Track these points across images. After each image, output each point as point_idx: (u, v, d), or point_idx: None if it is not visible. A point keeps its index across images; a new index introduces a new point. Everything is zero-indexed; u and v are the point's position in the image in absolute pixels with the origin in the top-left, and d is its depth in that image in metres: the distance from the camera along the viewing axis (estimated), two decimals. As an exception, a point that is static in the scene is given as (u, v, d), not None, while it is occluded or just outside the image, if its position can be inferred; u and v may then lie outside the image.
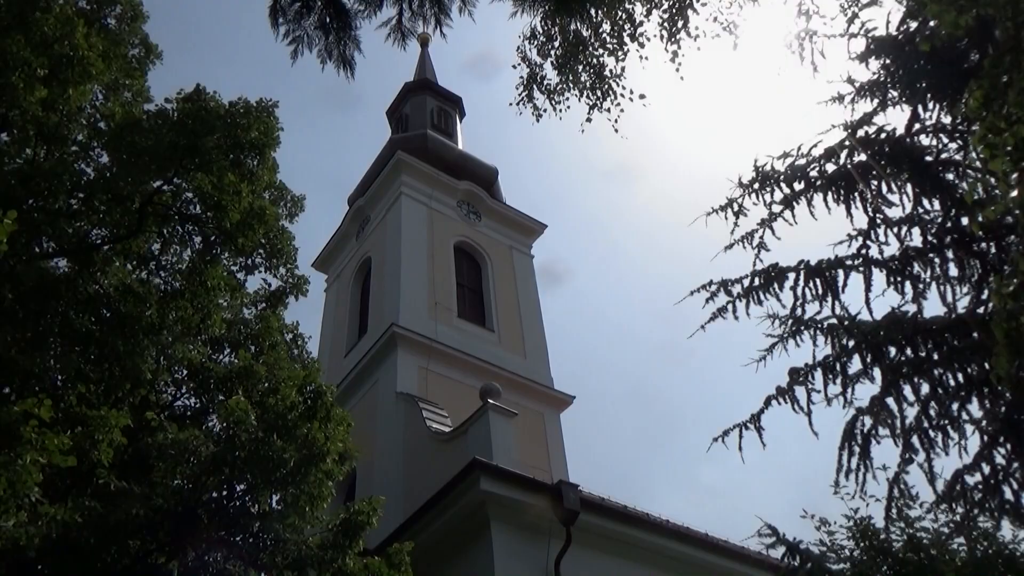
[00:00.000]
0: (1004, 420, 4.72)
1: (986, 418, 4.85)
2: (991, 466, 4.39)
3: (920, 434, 4.56)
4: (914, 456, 4.55)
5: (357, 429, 10.29)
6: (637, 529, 12.37)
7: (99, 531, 6.32)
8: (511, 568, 10.88)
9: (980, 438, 4.75)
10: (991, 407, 4.87)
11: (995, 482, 4.45)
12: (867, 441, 4.57)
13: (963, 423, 4.83)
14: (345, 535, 7.52)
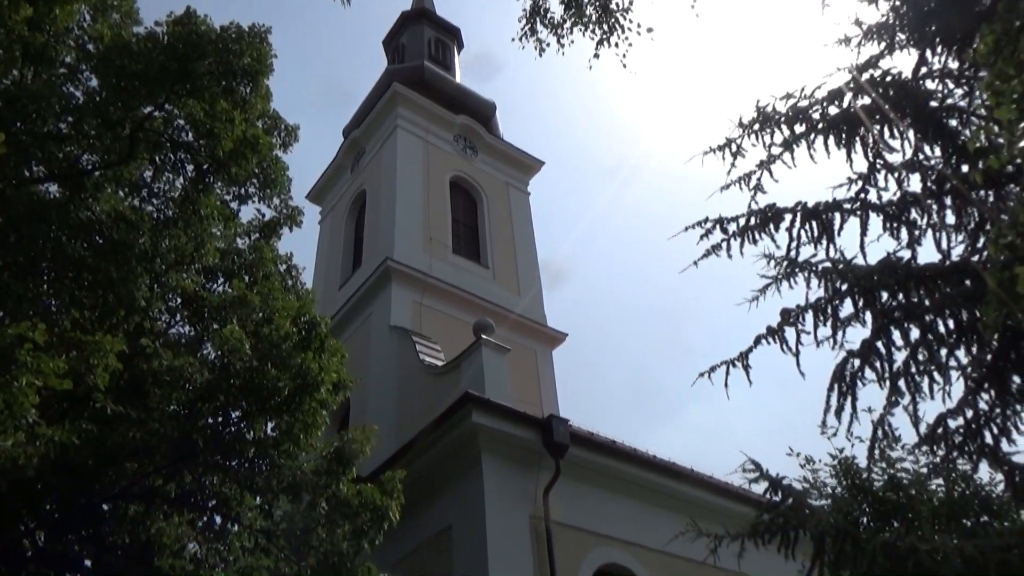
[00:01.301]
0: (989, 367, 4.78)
1: (972, 365, 4.92)
2: (974, 411, 4.48)
3: (907, 378, 4.63)
4: (900, 399, 4.62)
5: (351, 361, 10.38)
6: (624, 463, 12.67)
7: (96, 453, 6.44)
8: (501, 497, 11.16)
9: (965, 384, 4.82)
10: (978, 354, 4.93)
11: (976, 427, 4.54)
12: (854, 383, 4.64)
13: (949, 369, 4.90)
14: (339, 462, 7.68)
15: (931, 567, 3.36)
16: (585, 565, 11.48)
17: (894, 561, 3.50)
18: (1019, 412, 4.68)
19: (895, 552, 3.55)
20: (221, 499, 7.66)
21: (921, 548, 3.51)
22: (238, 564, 8.28)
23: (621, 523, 12.34)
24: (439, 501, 12.02)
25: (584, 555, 11.57)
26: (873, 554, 3.57)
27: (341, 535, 7.68)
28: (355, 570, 7.64)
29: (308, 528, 7.61)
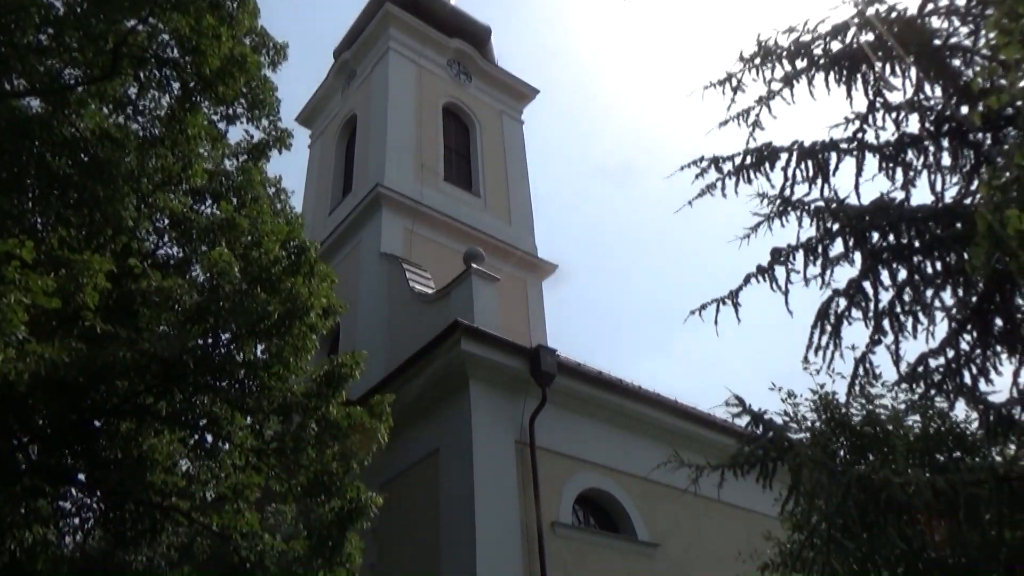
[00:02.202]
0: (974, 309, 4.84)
1: (956, 306, 4.97)
2: (955, 351, 4.56)
3: (891, 318, 4.69)
4: (883, 338, 4.69)
5: (341, 287, 10.39)
6: (610, 393, 12.90)
7: (87, 371, 6.48)
8: (488, 423, 11.39)
9: (948, 325, 4.89)
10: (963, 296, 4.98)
11: (956, 366, 4.63)
12: (839, 321, 4.70)
13: (934, 310, 4.96)
14: (328, 385, 7.78)
15: (903, 499, 3.48)
16: (568, 489, 11.82)
17: (868, 492, 3.62)
18: (999, 353, 4.77)
19: (869, 484, 3.67)
20: (212, 418, 7.77)
21: (894, 481, 3.62)
22: (230, 481, 8.48)
23: (605, 450, 12.66)
24: (427, 425, 12.25)
25: (567, 479, 11.90)
26: (848, 485, 3.68)
27: (331, 455, 7.85)
28: (344, 489, 7.84)
29: (298, 448, 7.76)
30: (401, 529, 11.96)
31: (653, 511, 12.69)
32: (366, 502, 7.83)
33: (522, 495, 11.11)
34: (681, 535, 12.90)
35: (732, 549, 9.51)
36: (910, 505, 3.45)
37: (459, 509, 10.81)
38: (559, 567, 10.83)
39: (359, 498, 7.82)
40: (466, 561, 10.26)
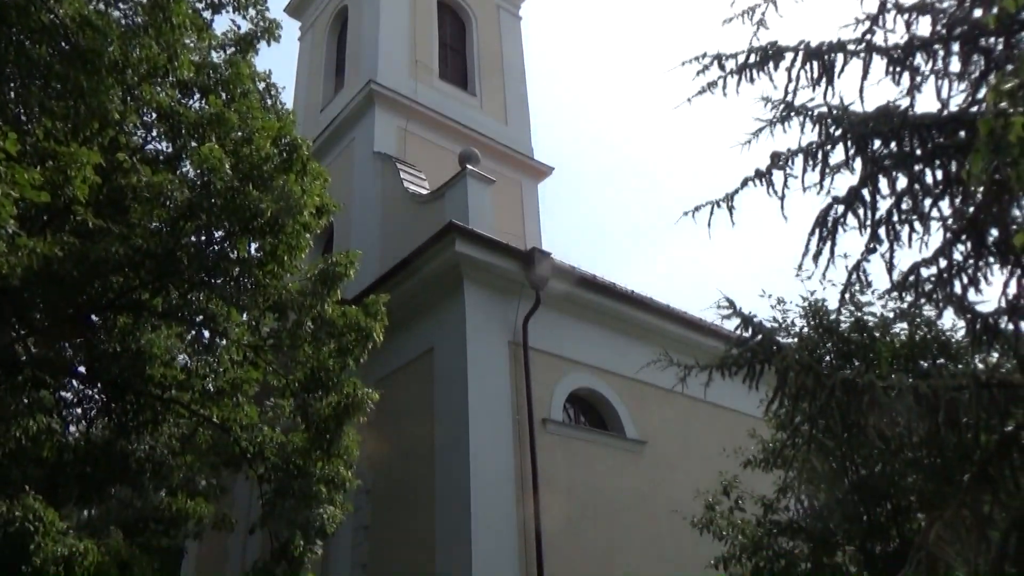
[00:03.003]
0: (970, 219, 4.82)
1: (953, 216, 4.95)
2: (948, 261, 4.56)
3: (888, 226, 4.67)
4: (878, 247, 4.69)
5: (334, 186, 10.27)
6: (603, 296, 13.03)
7: (81, 265, 6.47)
8: (481, 324, 11.54)
9: (943, 234, 4.88)
10: (960, 205, 4.95)
11: (948, 276, 4.64)
12: (836, 228, 4.68)
13: (931, 219, 4.94)
14: (323, 284, 7.81)
15: (885, 403, 3.57)
16: (559, 388, 12.12)
17: (851, 396, 3.71)
18: (991, 264, 4.78)
19: (853, 387, 3.75)
20: (208, 315, 7.84)
21: (878, 385, 3.70)
22: (228, 375, 8.65)
23: (596, 352, 12.90)
24: (422, 325, 12.41)
25: (559, 379, 12.18)
26: (832, 388, 3.77)
27: (327, 352, 7.98)
28: (341, 385, 8.02)
29: (295, 345, 7.87)
30: (397, 424, 12.31)
31: (641, 410, 13.07)
32: (362, 398, 8.02)
33: (514, 393, 11.40)
34: (668, 433, 13.34)
35: (717, 447, 9.87)
36: (892, 408, 3.54)
37: (453, 406, 11.10)
38: (549, 462, 11.23)
39: (355, 394, 8.01)
40: (460, 453, 10.63)
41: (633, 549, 11.64)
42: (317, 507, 7.86)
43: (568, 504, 11.20)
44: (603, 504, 11.66)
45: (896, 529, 6.49)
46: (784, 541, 7.10)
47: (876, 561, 6.60)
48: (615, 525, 11.65)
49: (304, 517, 7.77)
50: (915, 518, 6.47)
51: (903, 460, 6.17)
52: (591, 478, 11.72)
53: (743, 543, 7.29)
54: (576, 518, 11.19)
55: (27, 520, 6.56)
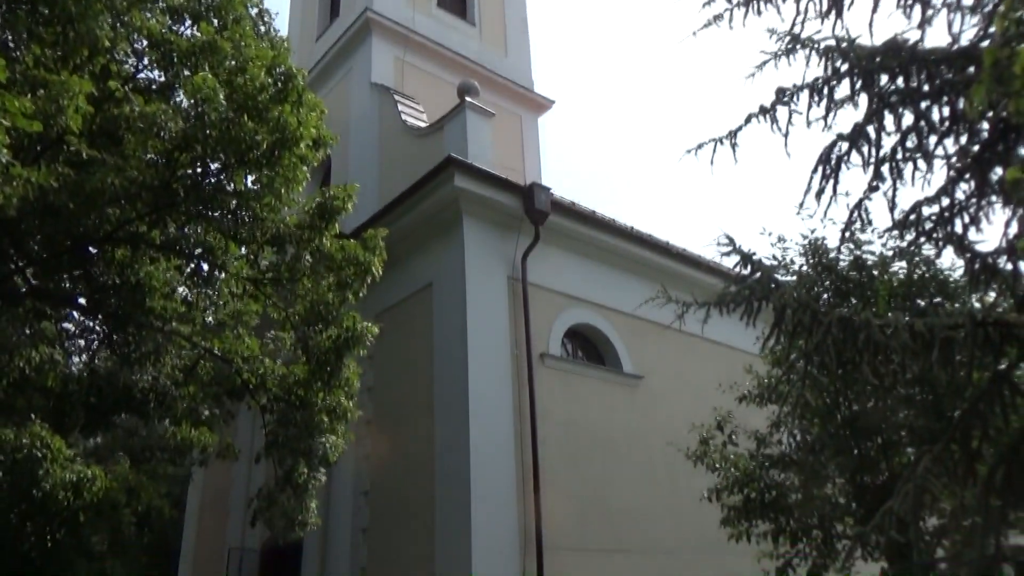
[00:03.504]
0: (975, 158, 4.77)
1: (957, 154, 4.89)
2: (950, 199, 4.53)
3: (892, 164, 4.62)
4: (880, 184, 4.65)
5: (330, 119, 10.11)
6: (602, 232, 13.00)
7: (76, 197, 6.42)
8: (480, 258, 11.55)
9: (947, 173, 4.84)
10: (965, 144, 4.89)
11: (949, 215, 4.62)
12: (839, 166, 4.64)
13: (935, 157, 4.88)
14: (321, 217, 7.77)
15: (880, 340, 3.60)
16: (558, 324, 12.21)
17: (847, 333, 3.74)
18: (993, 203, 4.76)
19: (849, 325, 3.78)
20: (206, 248, 7.82)
21: (874, 323, 3.73)
22: (228, 308, 8.69)
23: (595, 288, 12.95)
24: (421, 259, 12.42)
25: (557, 315, 12.26)
26: (829, 326, 3.80)
27: (326, 286, 8.00)
28: (340, 319, 8.06)
29: (294, 278, 7.88)
30: (397, 357, 12.45)
31: (639, 346, 13.20)
32: (362, 331, 8.07)
33: (513, 328, 11.48)
34: (664, 368, 13.51)
35: (712, 382, 10.01)
36: (887, 346, 3.58)
37: (452, 340, 11.20)
38: (547, 396, 11.41)
39: (355, 327, 8.05)
40: (459, 387, 10.78)
41: (628, 480, 11.93)
42: (319, 436, 8.01)
43: (565, 437, 11.42)
44: (599, 437, 11.90)
45: (886, 463, 6.65)
46: (775, 473, 7.28)
47: (865, 493, 6.78)
48: (611, 457, 11.90)
49: (307, 446, 7.93)
50: (905, 452, 6.61)
51: (895, 397, 6.27)
52: (588, 412, 11.92)
53: (735, 475, 7.47)
54: (572, 450, 11.44)
55: (35, 447, 6.70)
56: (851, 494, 7.00)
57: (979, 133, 4.74)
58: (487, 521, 10.00)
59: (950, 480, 3.38)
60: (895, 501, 3.42)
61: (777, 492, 7.17)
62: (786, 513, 7.12)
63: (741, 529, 7.50)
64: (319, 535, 11.90)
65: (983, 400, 3.31)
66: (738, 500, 7.46)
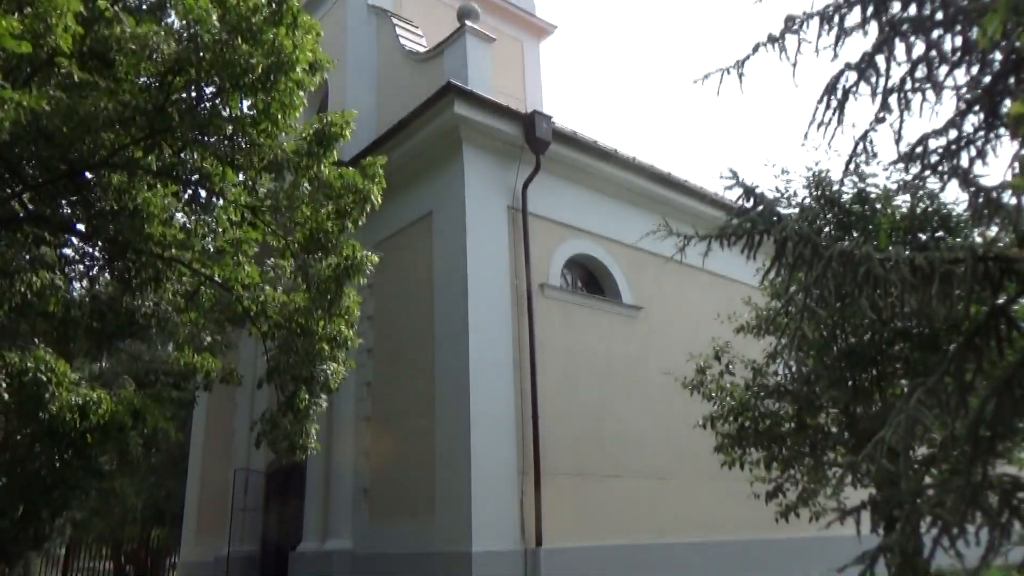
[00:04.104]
0: (985, 89, 4.67)
1: (968, 85, 4.79)
2: (958, 132, 4.46)
3: (900, 94, 4.52)
4: (887, 116, 4.57)
5: (327, 43, 9.85)
6: (604, 162, 12.86)
7: (70, 121, 6.31)
8: (480, 187, 11.46)
9: (956, 105, 4.74)
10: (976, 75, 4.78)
11: (956, 148, 4.56)
12: (846, 95, 4.54)
13: (944, 88, 4.78)
14: (319, 144, 7.65)
15: (880, 274, 3.60)
16: (558, 254, 12.21)
17: (848, 267, 3.73)
18: (1000, 136, 4.68)
19: (850, 259, 3.76)
20: (203, 174, 7.74)
21: (874, 257, 3.71)
22: (227, 235, 8.66)
23: (596, 219, 12.89)
24: (420, 188, 12.32)
25: (558, 245, 12.24)
26: (829, 259, 3.78)
27: (325, 214, 7.95)
28: (340, 247, 8.04)
29: (292, 206, 7.82)
30: (397, 286, 12.49)
31: (639, 277, 13.23)
32: (362, 260, 8.07)
33: (513, 258, 11.49)
34: (664, 300, 13.58)
35: (711, 314, 10.08)
36: (886, 279, 3.57)
37: (452, 270, 11.22)
38: (547, 326, 11.50)
39: (355, 256, 8.04)
40: (459, 316, 10.85)
41: (625, 409, 12.15)
42: (320, 364, 8.10)
43: (563, 366, 11.57)
44: (598, 366, 12.05)
45: (879, 394, 6.75)
46: (770, 403, 7.41)
47: (857, 423, 6.91)
48: (609, 386, 12.09)
49: (308, 373, 8.03)
50: (898, 384, 6.71)
51: (892, 330, 6.32)
52: (587, 342, 12.04)
53: (731, 404, 7.60)
54: (571, 379, 11.60)
55: (39, 371, 6.79)
56: (843, 424, 7.14)
57: (991, 64, 4.63)
58: (486, 446, 10.23)
59: (942, 412, 3.44)
60: (887, 431, 3.48)
61: (771, 421, 7.31)
62: (779, 441, 7.28)
63: (734, 456, 7.67)
64: (322, 458, 12.19)
65: (979, 334, 3.33)
66: (732, 428, 7.61)
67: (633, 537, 11.33)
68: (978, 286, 3.42)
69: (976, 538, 3.07)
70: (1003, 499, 3.07)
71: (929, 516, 3.22)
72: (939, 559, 3.19)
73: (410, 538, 10.78)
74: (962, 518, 3.03)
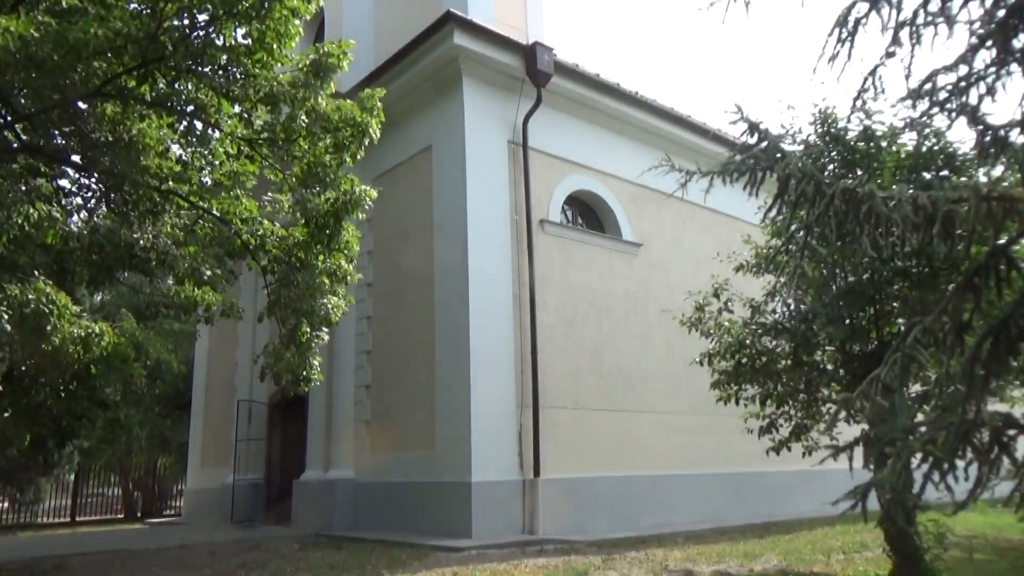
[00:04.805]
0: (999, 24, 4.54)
1: (981, 20, 4.66)
2: (968, 68, 4.36)
3: (912, 28, 4.40)
4: (897, 50, 4.46)
5: (324, -34, 9.54)
6: (606, 96, 12.65)
7: (60, 48, 6.15)
8: (480, 121, 11.29)
9: (968, 39, 4.63)
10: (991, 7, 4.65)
11: (966, 84, 4.47)
12: (856, 28, 4.42)
13: (957, 22, 4.66)
14: (316, 75, 7.49)
15: (883, 212, 3.57)
16: (558, 190, 12.12)
17: (850, 205, 3.70)
18: (1011, 73, 4.59)
19: (852, 197, 3.73)
20: (198, 105, 7.59)
21: (877, 195, 3.68)
22: (224, 168, 8.57)
23: (597, 154, 12.75)
24: (419, 121, 12.14)
25: (558, 181, 12.14)
26: (832, 197, 3.75)
27: (323, 148, 7.84)
28: (338, 181, 7.96)
29: (289, 139, 7.71)
30: (396, 221, 12.44)
31: (639, 214, 13.17)
32: (361, 194, 7.99)
33: (513, 193, 11.41)
34: (664, 237, 13.55)
35: (711, 251, 10.07)
36: (889, 218, 3.55)
37: (452, 204, 11.15)
38: (546, 261, 11.50)
39: (353, 190, 7.97)
40: (459, 251, 10.85)
41: (623, 345, 12.26)
42: (321, 298, 8.12)
43: (563, 302, 11.62)
44: (597, 302, 12.11)
45: (876, 332, 6.80)
46: (767, 340, 7.46)
47: (852, 361, 6.98)
48: (607, 322, 12.17)
49: (308, 306, 8.06)
50: (896, 323, 6.74)
51: (892, 269, 6.32)
52: (586, 278, 12.06)
53: (728, 342, 7.66)
54: (570, 315, 11.67)
55: (40, 303, 6.80)
56: (839, 361, 7.21)
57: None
58: (486, 380, 10.37)
59: (938, 350, 3.46)
60: (883, 369, 3.51)
61: (767, 358, 7.38)
62: (774, 378, 7.36)
63: (730, 392, 7.78)
64: (324, 389, 12.37)
65: (979, 273, 3.32)
66: (729, 365, 7.68)
67: (628, 469, 11.59)
68: (980, 226, 3.40)
69: (965, 473, 3.14)
70: (994, 436, 3.12)
71: (920, 452, 3.28)
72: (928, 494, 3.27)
73: (411, 468, 11.03)
74: (953, 454, 3.09)
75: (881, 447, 3.57)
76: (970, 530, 9.22)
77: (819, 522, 11.19)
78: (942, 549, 6.45)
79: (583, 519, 10.59)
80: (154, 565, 8.76)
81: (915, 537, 6.29)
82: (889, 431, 3.58)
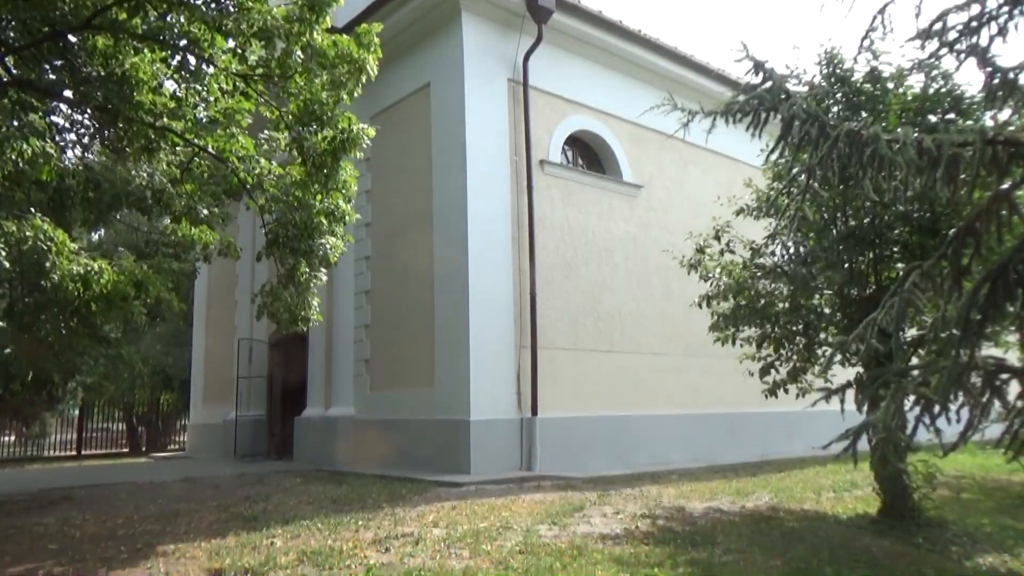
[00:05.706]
0: (1016, -41, 4.41)
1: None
2: (980, 7, 4.25)
3: (925, -37, 4.27)
4: (909, -14, 4.34)
5: None
6: (608, 34, 12.37)
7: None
8: (480, 58, 11.06)
9: (982, -24, 4.49)
10: (1009, -58, 4.50)
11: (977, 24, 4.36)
12: (869, -35, 4.29)
13: (972, -43, 4.51)
14: (311, 9, 7.29)
15: (887, 155, 3.53)
16: (559, 130, 11.96)
17: (854, 147, 3.65)
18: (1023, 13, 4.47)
19: (857, 139, 3.68)
20: (191, 39, 7.41)
21: (882, 138, 3.63)
22: (220, 104, 8.42)
23: (598, 93, 12.54)
24: (418, 58, 11.89)
25: (559, 120, 11.97)
26: (836, 139, 3.70)
27: (319, 84, 7.69)
28: (335, 119, 7.84)
29: (285, 75, 7.55)
30: (395, 160, 12.31)
31: (640, 155, 13.03)
32: (358, 133, 7.88)
33: (513, 133, 11.26)
34: (665, 179, 13.44)
35: (712, 194, 10.00)
36: (892, 161, 3.51)
37: (450, 143, 11.01)
38: (546, 203, 11.43)
39: (351, 129, 7.85)
40: (457, 191, 10.77)
41: (622, 287, 12.29)
42: (319, 238, 8.08)
43: (562, 243, 11.60)
44: (597, 244, 12.09)
45: (874, 277, 6.81)
46: (766, 283, 7.47)
47: (850, 304, 7.01)
48: (607, 264, 12.17)
49: (307, 246, 8.03)
50: (895, 268, 6.75)
51: (893, 213, 6.28)
52: (586, 219, 12.01)
53: (727, 284, 7.67)
54: (569, 256, 11.66)
55: (39, 239, 6.78)
56: (837, 305, 7.24)
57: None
58: (485, 320, 10.42)
59: (936, 294, 3.47)
60: (880, 313, 3.53)
61: (766, 301, 7.40)
62: (772, 321, 7.40)
63: (728, 334, 7.82)
64: (324, 329, 12.45)
65: (980, 218, 3.30)
66: (728, 307, 7.72)
67: (625, 409, 11.76)
68: (984, 170, 3.36)
69: (957, 416, 3.18)
70: (986, 380, 3.15)
71: (913, 395, 3.32)
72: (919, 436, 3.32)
73: (411, 406, 11.19)
74: (945, 397, 3.13)
75: (874, 390, 3.61)
76: (959, 471, 9.42)
77: (811, 462, 11.42)
78: (930, 488, 6.60)
79: (580, 457, 10.80)
80: (159, 497, 8.97)
81: (904, 477, 6.43)
82: (883, 374, 3.62)
